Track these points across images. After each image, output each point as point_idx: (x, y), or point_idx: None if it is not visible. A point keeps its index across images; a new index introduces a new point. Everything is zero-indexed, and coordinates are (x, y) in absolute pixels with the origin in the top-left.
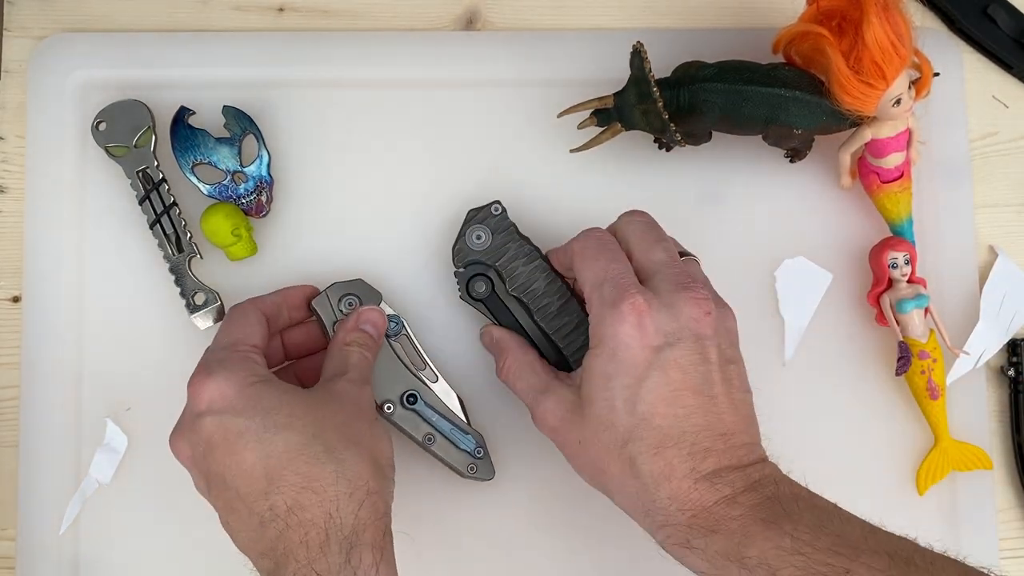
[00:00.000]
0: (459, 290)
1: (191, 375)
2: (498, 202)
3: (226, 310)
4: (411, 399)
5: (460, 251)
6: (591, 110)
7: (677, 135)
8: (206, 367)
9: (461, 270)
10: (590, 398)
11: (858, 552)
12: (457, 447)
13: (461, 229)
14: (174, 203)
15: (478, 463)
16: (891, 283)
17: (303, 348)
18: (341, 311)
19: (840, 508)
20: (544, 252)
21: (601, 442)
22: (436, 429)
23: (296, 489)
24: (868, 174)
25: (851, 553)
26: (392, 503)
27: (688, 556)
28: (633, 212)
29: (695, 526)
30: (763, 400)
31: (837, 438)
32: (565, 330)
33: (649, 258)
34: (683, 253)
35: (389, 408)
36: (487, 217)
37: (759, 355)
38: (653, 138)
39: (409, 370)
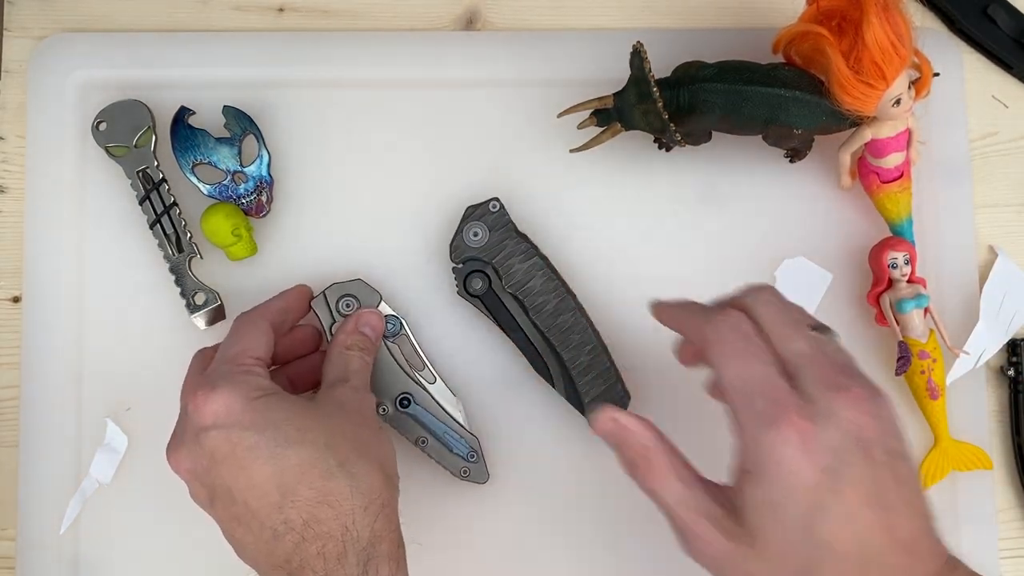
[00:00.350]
0: (456, 286)
1: (186, 387)
2: (496, 199)
3: (226, 310)
4: (405, 402)
5: (457, 247)
6: (591, 110)
7: (677, 135)
8: (209, 381)
9: (459, 266)
10: (759, 530)
11: None
12: (451, 451)
13: (459, 225)
14: (174, 203)
15: (471, 467)
16: (891, 283)
17: (293, 352)
18: (339, 312)
19: None
20: (651, 303)
21: (777, 574)
22: (430, 432)
23: (311, 503)
24: (868, 174)
25: None
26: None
27: None
28: (760, 289)
29: None
30: None
31: None
32: (560, 328)
33: (791, 349)
34: (815, 326)
35: (383, 410)
36: (485, 214)
37: None
38: (653, 138)
39: (405, 372)
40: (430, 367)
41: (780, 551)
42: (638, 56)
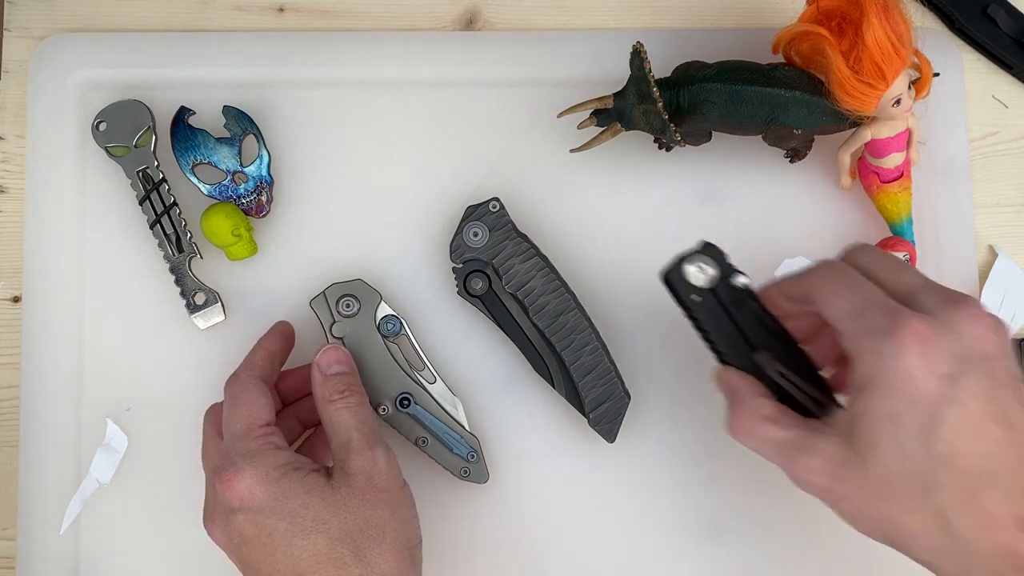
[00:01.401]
0: (456, 286)
1: (207, 457)
2: (496, 199)
3: (226, 310)
4: (405, 402)
5: (457, 248)
6: (591, 110)
7: (677, 135)
8: (231, 462)
9: (459, 266)
10: (872, 445)
11: None
12: (451, 451)
13: (459, 225)
14: (174, 203)
15: (471, 467)
16: None
17: (299, 392)
18: (339, 312)
19: None
20: (756, 289)
21: (893, 495)
22: (430, 432)
23: None
24: (868, 174)
25: None
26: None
27: None
28: (860, 245)
29: None
30: None
31: None
32: (561, 328)
33: (901, 280)
34: None
35: (384, 411)
36: (485, 214)
37: None
38: (653, 138)
39: (405, 372)
40: (430, 367)
41: (898, 467)
42: (638, 56)
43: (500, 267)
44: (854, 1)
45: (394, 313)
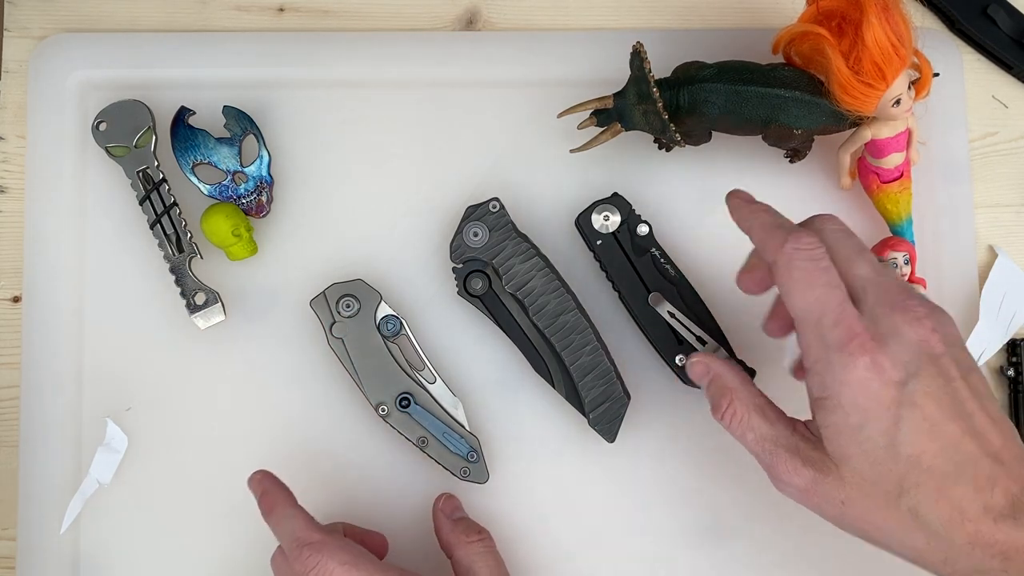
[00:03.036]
0: (456, 286)
1: None
2: (496, 199)
3: (226, 310)
4: (404, 402)
5: (457, 248)
6: (591, 110)
7: (677, 135)
8: None
9: (459, 266)
10: (843, 455)
11: None
12: (451, 451)
13: (459, 225)
14: (174, 203)
15: (471, 467)
16: None
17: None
18: (339, 312)
19: None
20: (728, 193)
21: (870, 499)
22: (430, 432)
23: None
24: (868, 174)
25: None
26: None
27: None
28: (825, 219)
29: (1013, 570)
30: None
31: None
32: (560, 328)
33: (854, 273)
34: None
35: (383, 410)
36: (485, 214)
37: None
38: (653, 138)
39: (405, 372)
40: (430, 367)
41: (868, 475)
42: (638, 56)
43: (500, 267)
44: (854, 1)
45: (394, 313)
